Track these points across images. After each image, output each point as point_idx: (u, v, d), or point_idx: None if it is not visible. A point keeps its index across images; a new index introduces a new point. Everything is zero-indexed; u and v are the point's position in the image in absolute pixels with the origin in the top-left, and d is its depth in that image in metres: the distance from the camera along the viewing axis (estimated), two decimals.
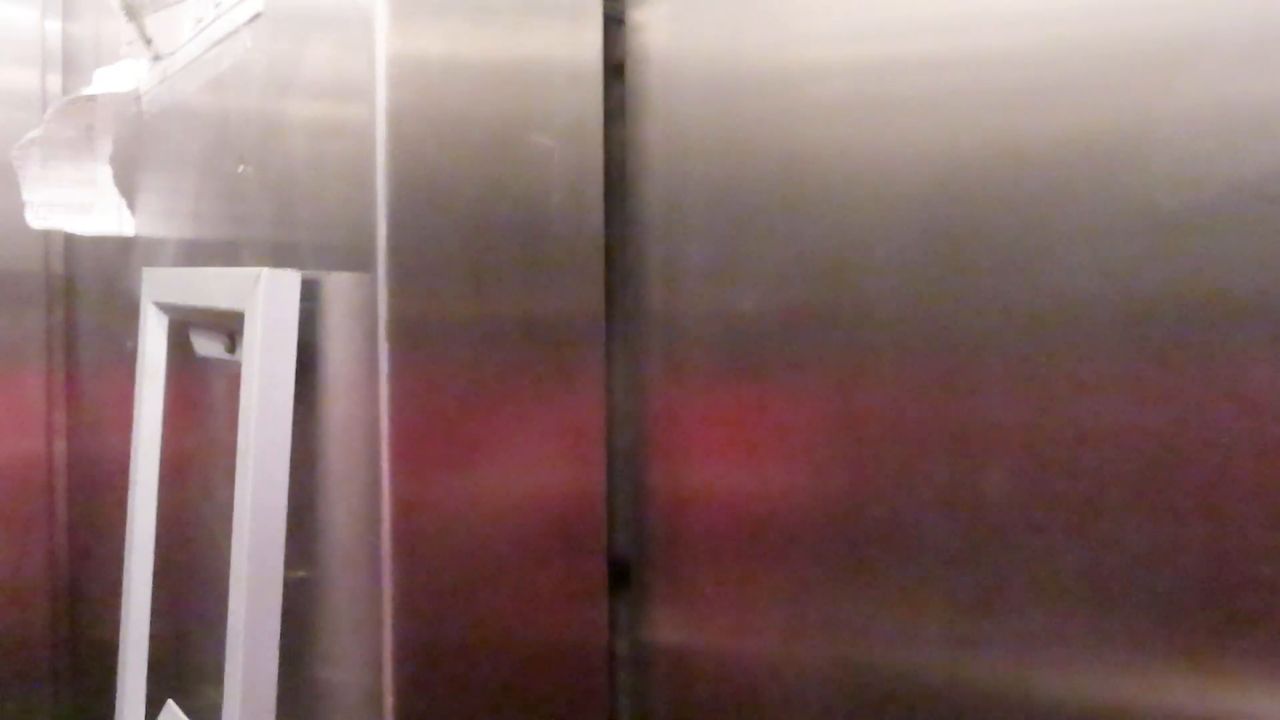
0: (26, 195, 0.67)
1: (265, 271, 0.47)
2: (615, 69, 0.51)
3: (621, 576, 0.51)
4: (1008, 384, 0.35)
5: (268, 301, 0.47)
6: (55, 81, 0.97)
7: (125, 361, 0.75)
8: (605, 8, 0.51)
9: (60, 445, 0.96)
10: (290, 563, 0.51)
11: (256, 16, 0.51)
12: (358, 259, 0.47)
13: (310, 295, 0.49)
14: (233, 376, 0.54)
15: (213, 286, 0.52)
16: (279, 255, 0.53)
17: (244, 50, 0.53)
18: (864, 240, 0.40)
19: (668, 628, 0.50)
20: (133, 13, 0.60)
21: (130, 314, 0.72)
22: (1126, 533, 0.31)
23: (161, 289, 0.59)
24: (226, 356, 0.55)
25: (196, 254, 0.62)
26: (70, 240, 0.91)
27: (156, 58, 0.61)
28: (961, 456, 0.36)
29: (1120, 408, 0.31)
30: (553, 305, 0.49)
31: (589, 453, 0.50)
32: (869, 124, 0.40)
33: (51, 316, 0.95)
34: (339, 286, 0.48)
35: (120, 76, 0.64)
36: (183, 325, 0.60)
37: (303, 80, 0.50)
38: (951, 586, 0.36)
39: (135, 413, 0.60)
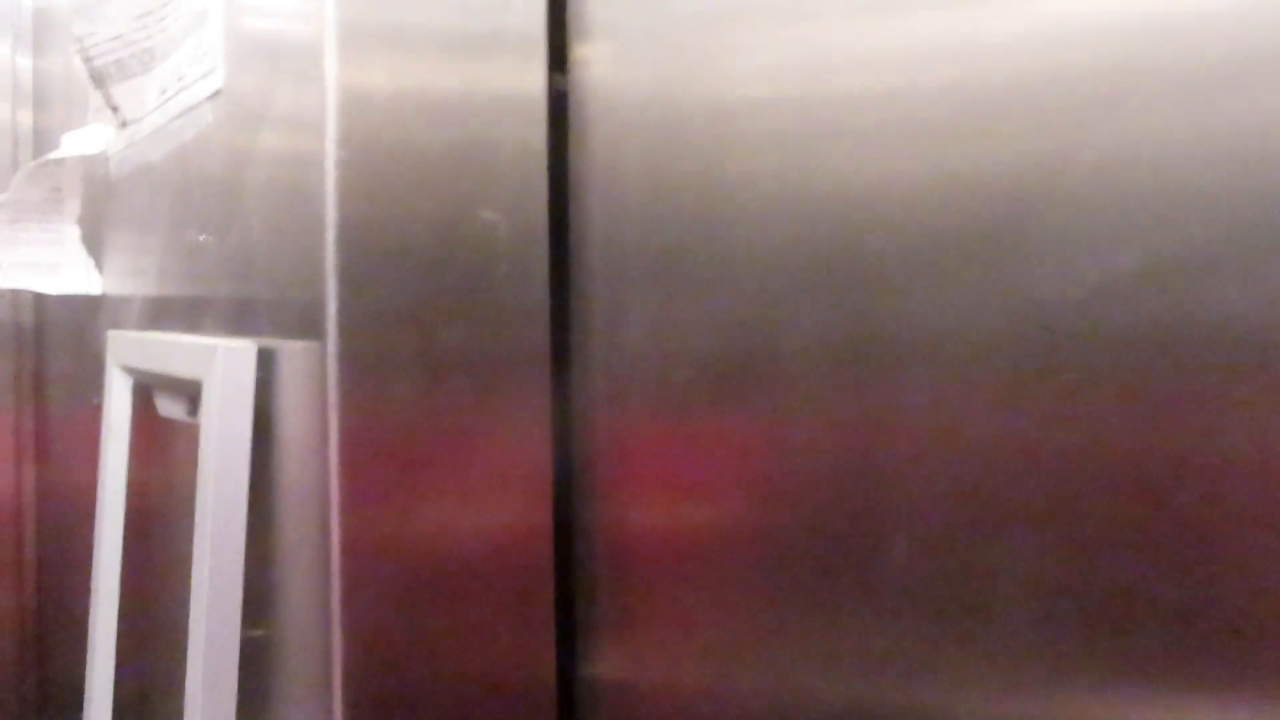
0: None
1: (222, 345, 0.48)
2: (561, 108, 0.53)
3: (569, 613, 0.53)
4: (942, 416, 0.36)
5: (225, 373, 0.48)
6: (26, 117, 0.98)
7: (93, 411, 0.76)
8: (552, 80, 0.53)
9: (29, 493, 0.96)
10: (246, 621, 0.53)
11: (217, 93, 0.53)
12: (309, 328, 0.49)
13: (266, 363, 0.51)
14: (195, 436, 0.55)
15: (173, 355, 0.53)
16: (238, 321, 0.55)
17: (205, 124, 0.55)
18: (795, 275, 0.41)
19: (615, 662, 0.52)
20: (99, 81, 0.62)
21: (97, 365, 0.73)
22: (1048, 556, 0.33)
23: (126, 353, 0.61)
24: (188, 419, 0.57)
25: (160, 315, 0.64)
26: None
27: (123, 124, 0.63)
28: (902, 487, 0.37)
29: (1056, 439, 0.33)
30: (499, 367, 0.51)
31: (535, 513, 0.52)
32: (800, 159, 0.41)
33: (21, 365, 0.96)
34: (292, 354, 0.50)
35: (88, 140, 0.66)
36: (147, 386, 0.62)
37: (259, 155, 0.52)
38: (896, 615, 0.38)
39: (100, 473, 0.62)
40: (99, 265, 0.72)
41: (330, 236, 0.47)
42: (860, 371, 0.39)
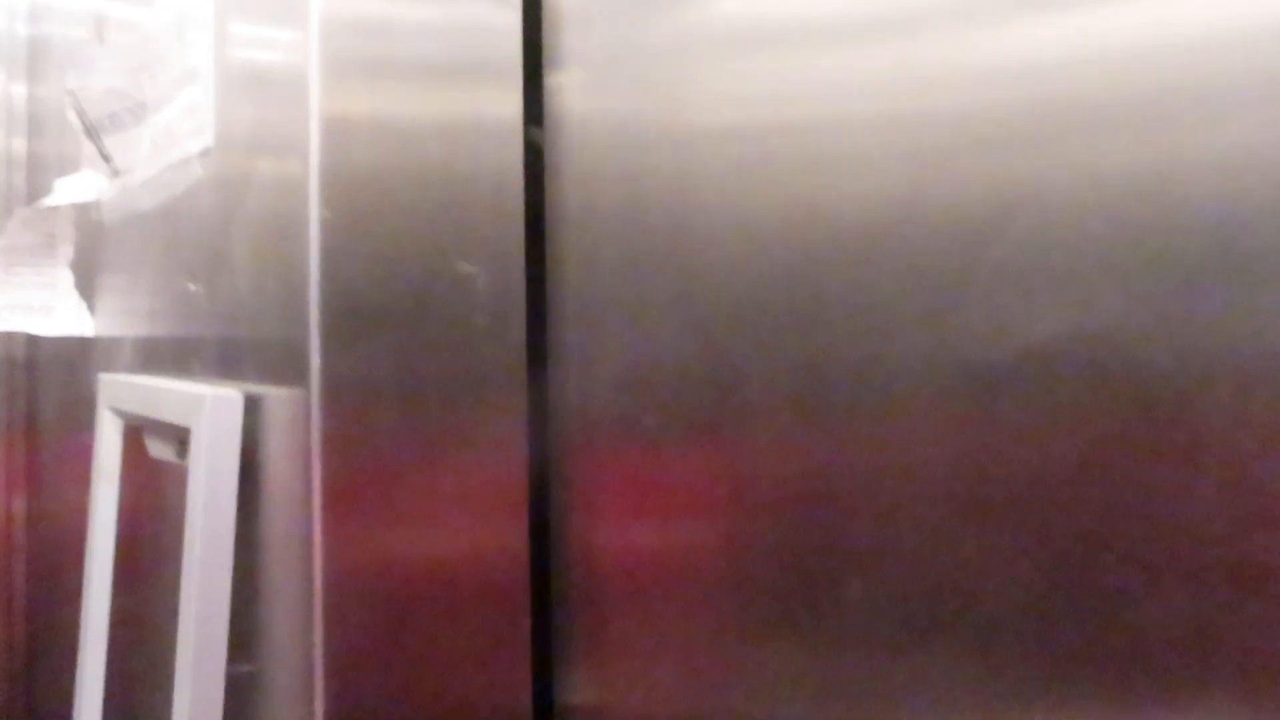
0: None
1: (210, 394, 0.50)
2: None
3: (545, 644, 0.55)
4: (904, 444, 0.38)
5: (212, 420, 0.50)
6: (20, 144, 1.00)
7: (84, 444, 0.78)
8: (528, 133, 0.55)
9: (19, 525, 0.98)
10: (232, 656, 0.55)
11: (206, 151, 0.55)
12: (294, 376, 0.51)
13: (252, 409, 0.53)
14: (184, 475, 0.57)
15: (163, 401, 0.55)
16: (225, 366, 0.57)
17: (195, 179, 0.57)
18: (762, 306, 0.43)
19: (590, 690, 0.54)
20: (92, 133, 0.64)
21: (88, 399, 0.75)
22: (1001, 588, 0.35)
23: (116, 396, 0.63)
24: (177, 461, 0.59)
25: (151, 358, 0.66)
26: None
27: (116, 174, 0.65)
28: (869, 514, 0.39)
29: (1005, 470, 0.34)
30: (476, 407, 0.53)
31: (510, 548, 0.54)
32: (760, 184, 0.43)
33: (13, 398, 0.97)
34: (278, 400, 0.52)
35: (81, 187, 0.68)
36: (138, 428, 0.64)
37: (246, 211, 0.54)
38: (869, 643, 0.39)
39: (90, 512, 0.64)
40: (91, 307, 0.74)
41: (313, 291, 0.49)
42: (827, 400, 0.40)
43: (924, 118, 0.37)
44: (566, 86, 0.53)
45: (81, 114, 0.63)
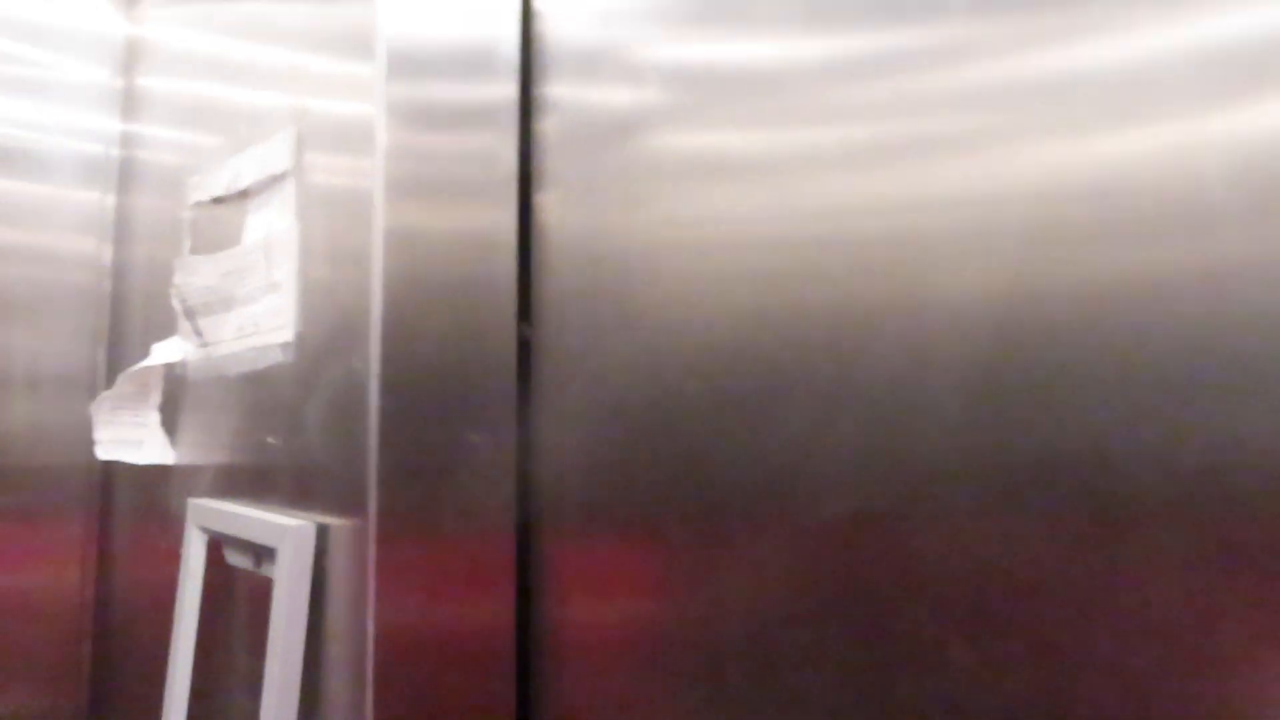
0: (95, 435, 0.89)
1: (291, 525, 0.70)
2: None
3: (526, 698, 0.74)
4: (865, 536, 0.45)
5: (292, 545, 0.70)
6: (108, 252, 1.14)
7: (153, 528, 0.96)
8: (520, 329, 0.75)
9: (89, 612, 1.14)
10: None
11: (287, 344, 0.75)
12: (355, 510, 0.70)
13: (322, 534, 0.72)
14: (256, 582, 0.76)
15: (249, 527, 0.74)
16: (299, 497, 0.76)
17: (276, 362, 0.77)
18: (718, 400, 0.51)
19: None
20: (189, 315, 0.83)
21: (159, 499, 0.94)
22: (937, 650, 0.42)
23: (205, 517, 0.82)
24: (253, 569, 0.78)
25: (231, 484, 0.84)
26: None
27: (204, 345, 0.85)
28: (830, 601, 0.46)
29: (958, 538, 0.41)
30: (481, 527, 0.72)
31: (499, 625, 0.73)
32: (698, 291, 0.52)
33: (90, 501, 1.14)
34: (341, 529, 0.71)
35: (172, 350, 0.87)
36: (218, 541, 0.83)
37: (319, 393, 0.74)
38: (833, 712, 0.46)
39: (175, 615, 0.82)
40: (175, 439, 0.93)
41: (372, 455, 0.69)
42: (774, 489, 0.48)
43: (833, 242, 0.47)
44: (549, 204, 0.68)
45: (183, 302, 0.83)
